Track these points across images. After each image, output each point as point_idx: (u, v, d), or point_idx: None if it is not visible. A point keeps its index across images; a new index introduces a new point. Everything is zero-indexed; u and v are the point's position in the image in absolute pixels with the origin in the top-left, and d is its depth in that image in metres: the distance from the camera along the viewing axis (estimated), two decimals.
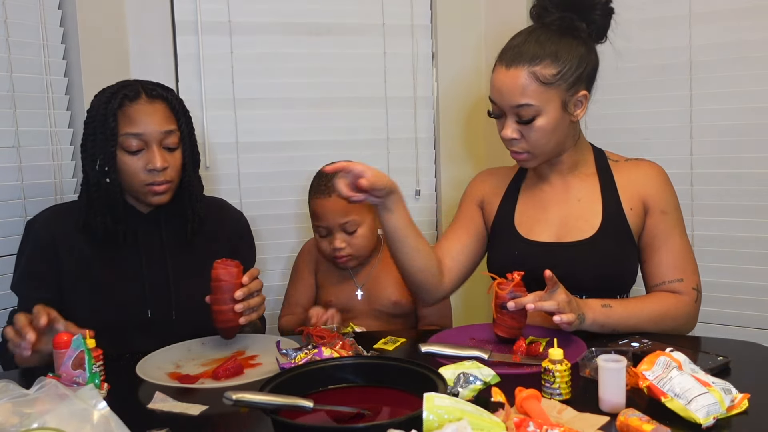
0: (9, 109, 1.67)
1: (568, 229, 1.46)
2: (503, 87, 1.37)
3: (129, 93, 1.44)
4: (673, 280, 1.41)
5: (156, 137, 1.44)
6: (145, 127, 1.42)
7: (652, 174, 1.47)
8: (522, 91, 1.35)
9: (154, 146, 1.44)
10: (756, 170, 1.82)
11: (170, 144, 1.46)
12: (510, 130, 1.39)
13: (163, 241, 1.53)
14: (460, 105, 2.17)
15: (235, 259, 1.36)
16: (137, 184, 1.45)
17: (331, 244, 1.65)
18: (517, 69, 1.36)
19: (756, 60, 1.79)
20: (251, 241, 1.70)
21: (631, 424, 0.90)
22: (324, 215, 1.64)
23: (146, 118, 1.43)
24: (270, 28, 2.02)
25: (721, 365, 1.13)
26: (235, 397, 0.92)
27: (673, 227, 1.44)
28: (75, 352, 1.13)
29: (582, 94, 1.40)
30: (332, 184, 1.47)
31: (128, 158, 1.43)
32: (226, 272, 1.32)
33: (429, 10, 2.14)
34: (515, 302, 1.23)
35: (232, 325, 1.33)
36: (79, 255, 1.47)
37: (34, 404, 0.92)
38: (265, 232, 2.03)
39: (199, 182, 1.58)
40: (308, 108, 2.06)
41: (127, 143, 1.42)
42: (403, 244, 1.42)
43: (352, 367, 1.08)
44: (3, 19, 1.65)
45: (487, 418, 0.85)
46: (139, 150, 1.43)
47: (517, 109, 1.37)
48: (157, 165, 1.42)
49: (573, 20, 1.41)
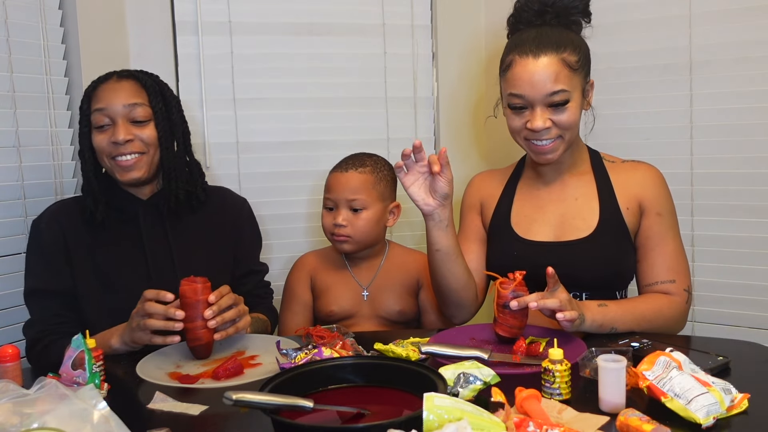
0: (9, 109, 1.67)
1: (565, 228, 1.47)
2: (535, 76, 1.38)
3: (102, 76, 1.51)
4: (665, 281, 1.43)
5: (120, 111, 1.47)
6: (108, 101, 1.47)
7: (649, 176, 1.49)
8: (556, 77, 1.37)
9: (119, 120, 1.47)
10: (756, 170, 1.82)
11: (137, 116, 1.48)
12: (542, 120, 1.39)
13: (165, 226, 1.54)
14: (461, 105, 2.17)
15: (239, 243, 1.34)
16: (106, 160, 1.48)
17: (334, 219, 1.64)
18: (548, 56, 1.38)
19: (756, 60, 1.79)
20: (255, 227, 1.71)
21: (631, 424, 0.90)
22: (335, 187, 1.65)
23: (111, 94, 1.48)
24: (270, 28, 2.02)
25: (721, 365, 1.13)
26: (235, 397, 0.92)
27: (668, 229, 1.46)
28: (75, 352, 1.13)
29: (591, 81, 1.47)
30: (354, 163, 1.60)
31: (96, 135, 1.48)
32: (189, 288, 1.28)
33: (429, 10, 2.14)
34: (518, 301, 1.23)
35: (201, 344, 1.28)
36: (86, 246, 1.49)
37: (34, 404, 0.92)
38: (267, 232, 2.02)
39: (188, 164, 1.58)
40: (308, 108, 2.06)
41: (96, 119, 1.47)
42: (454, 263, 1.44)
43: (352, 367, 1.08)
44: (3, 19, 1.65)
45: (487, 418, 0.85)
46: (106, 126, 1.47)
47: (550, 97, 1.38)
48: (119, 138, 1.45)
49: (569, 17, 1.46)
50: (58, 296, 1.47)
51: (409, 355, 1.17)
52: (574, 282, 1.37)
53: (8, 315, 1.67)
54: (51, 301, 1.47)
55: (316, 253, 1.79)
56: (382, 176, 1.67)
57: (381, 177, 1.67)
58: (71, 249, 1.49)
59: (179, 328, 1.26)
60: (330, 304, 1.69)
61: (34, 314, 1.49)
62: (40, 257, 1.49)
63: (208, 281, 1.30)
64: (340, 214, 1.64)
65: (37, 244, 1.50)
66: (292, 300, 1.73)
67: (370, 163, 1.67)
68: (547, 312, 1.25)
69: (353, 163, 1.66)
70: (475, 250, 1.59)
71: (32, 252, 1.51)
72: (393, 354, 1.19)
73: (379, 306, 1.68)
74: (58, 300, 1.47)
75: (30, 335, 1.47)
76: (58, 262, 1.48)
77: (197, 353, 1.30)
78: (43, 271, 1.48)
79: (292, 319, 1.71)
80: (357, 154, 1.70)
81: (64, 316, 1.47)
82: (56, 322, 1.46)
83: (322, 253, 1.77)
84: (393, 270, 1.71)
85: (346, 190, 1.63)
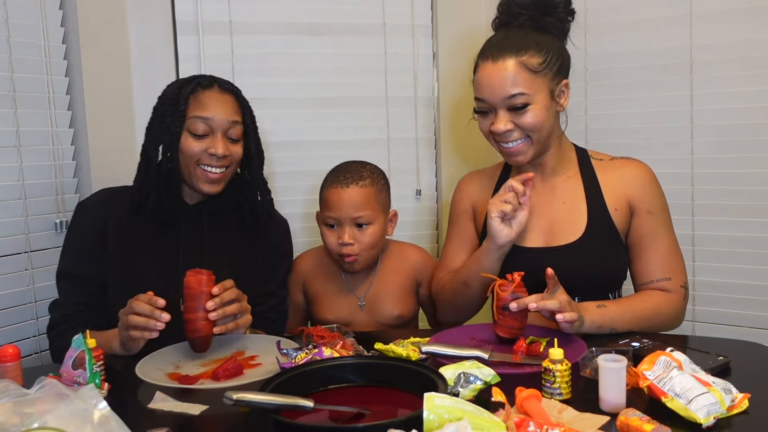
0: (10, 109, 1.67)
1: (555, 234, 1.47)
2: (493, 80, 1.39)
3: (203, 81, 1.50)
4: (661, 279, 1.44)
5: (222, 125, 1.48)
6: (214, 112, 1.47)
7: (637, 174, 1.48)
8: (513, 81, 1.38)
9: (218, 133, 1.48)
10: (756, 170, 1.82)
11: (233, 135, 1.50)
12: (503, 123, 1.40)
13: (204, 236, 1.54)
14: (461, 105, 2.17)
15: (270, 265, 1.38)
16: (192, 166, 1.48)
17: (339, 238, 1.59)
18: (505, 60, 1.38)
19: (756, 60, 1.79)
20: (290, 252, 1.70)
21: (632, 423, 0.90)
22: (338, 205, 1.58)
23: (216, 105, 1.48)
24: (271, 28, 2.02)
25: (721, 365, 1.13)
26: (236, 396, 0.92)
27: (660, 227, 1.46)
28: (76, 352, 1.13)
29: (564, 83, 1.45)
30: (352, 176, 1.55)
31: (192, 141, 1.47)
32: (194, 279, 1.29)
33: (429, 10, 2.14)
34: (517, 303, 1.24)
35: (200, 335, 1.28)
36: (124, 238, 1.50)
37: (34, 404, 0.92)
38: None
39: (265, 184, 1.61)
40: (309, 108, 2.06)
41: (194, 126, 1.47)
42: (485, 288, 1.42)
43: (352, 367, 1.08)
44: (4, 19, 1.65)
45: (488, 418, 0.85)
46: (204, 135, 1.47)
47: (509, 100, 1.39)
48: (218, 151, 1.46)
49: (542, 18, 1.46)
50: (86, 284, 1.48)
51: (410, 355, 1.17)
52: (566, 286, 1.37)
53: (8, 315, 1.67)
54: (78, 287, 1.48)
55: (309, 256, 1.75)
56: (381, 186, 1.63)
57: (380, 188, 1.63)
58: (110, 238, 1.50)
59: (160, 328, 1.26)
60: (325, 312, 1.67)
61: (61, 296, 1.50)
62: (78, 240, 1.51)
63: (213, 274, 1.31)
64: (345, 232, 1.58)
65: (78, 227, 1.52)
66: None
67: (368, 175, 1.61)
68: (546, 313, 1.26)
69: (351, 177, 1.59)
70: (464, 256, 1.59)
71: (72, 232, 1.52)
72: (393, 354, 1.19)
73: (377, 313, 1.66)
74: (85, 288, 1.48)
75: (53, 316, 1.49)
76: (93, 248, 1.49)
77: (195, 345, 1.29)
78: (76, 255, 1.50)
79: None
80: (349, 165, 1.64)
81: (87, 305, 1.48)
82: (78, 310, 1.47)
83: (316, 256, 1.73)
84: (389, 274, 1.68)
85: (350, 207, 1.57)
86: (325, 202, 1.62)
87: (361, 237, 1.59)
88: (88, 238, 1.50)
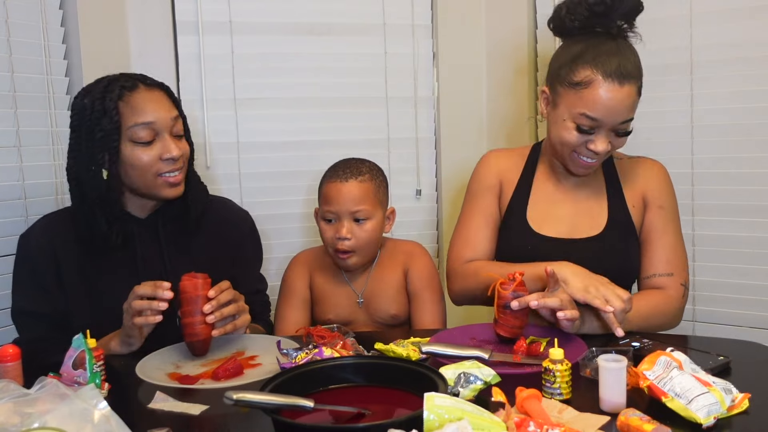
0: (10, 109, 1.67)
1: (577, 226, 1.49)
2: (618, 105, 1.36)
3: (126, 84, 1.37)
4: (663, 274, 1.45)
5: (166, 125, 1.38)
6: (155, 114, 1.36)
7: (653, 170, 1.52)
8: (632, 107, 1.38)
9: (165, 134, 1.38)
10: (756, 170, 1.82)
11: (178, 131, 1.41)
12: (605, 144, 1.39)
13: (161, 246, 1.48)
14: (461, 105, 2.17)
15: (239, 262, 1.30)
16: (150, 177, 1.37)
17: (336, 232, 1.58)
18: (630, 86, 1.36)
19: (757, 60, 1.79)
20: (258, 244, 1.66)
21: (632, 423, 0.90)
22: (337, 199, 1.58)
23: (152, 105, 1.37)
24: (271, 28, 2.02)
25: (721, 365, 1.13)
26: (236, 396, 0.92)
27: (668, 223, 1.48)
28: (76, 352, 1.13)
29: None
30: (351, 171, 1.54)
31: (139, 151, 1.36)
32: (190, 284, 1.26)
33: (429, 10, 2.14)
34: (518, 301, 1.24)
35: (199, 339, 1.27)
36: (77, 263, 1.42)
37: (34, 404, 0.92)
38: (266, 232, 2.02)
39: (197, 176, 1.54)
40: (309, 108, 2.06)
41: (137, 135, 1.35)
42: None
43: (353, 367, 1.08)
44: (4, 19, 1.65)
45: (488, 418, 0.85)
46: (150, 141, 1.36)
47: (621, 125, 1.38)
48: (173, 153, 1.37)
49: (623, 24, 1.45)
50: (46, 318, 1.41)
51: (410, 355, 1.17)
52: None
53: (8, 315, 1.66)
54: (39, 324, 1.41)
55: (312, 252, 1.75)
56: (379, 182, 1.63)
57: (379, 183, 1.63)
58: (62, 266, 1.41)
59: (163, 308, 1.24)
60: (327, 312, 1.67)
61: (21, 335, 1.43)
62: (30, 275, 1.41)
63: (209, 278, 1.29)
64: (343, 226, 1.57)
65: (26, 261, 1.42)
66: (291, 295, 1.69)
67: (367, 170, 1.61)
68: (547, 312, 1.26)
69: (351, 172, 1.59)
70: (488, 234, 1.56)
71: (21, 268, 1.43)
72: (393, 354, 1.19)
73: (374, 311, 1.66)
74: (46, 322, 1.41)
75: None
76: (47, 281, 1.40)
77: (194, 349, 1.29)
78: (31, 292, 1.41)
79: (291, 314, 1.67)
80: (349, 161, 1.64)
81: (52, 339, 1.38)
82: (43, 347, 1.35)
83: (318, 253, 1.73)
84: (384, 271, 1.68)
85: (349, 201, 1.57)
86: (324, 196, 1.62)
87: (359, 232, 1.59)
88: (41, 274, 1.41)
